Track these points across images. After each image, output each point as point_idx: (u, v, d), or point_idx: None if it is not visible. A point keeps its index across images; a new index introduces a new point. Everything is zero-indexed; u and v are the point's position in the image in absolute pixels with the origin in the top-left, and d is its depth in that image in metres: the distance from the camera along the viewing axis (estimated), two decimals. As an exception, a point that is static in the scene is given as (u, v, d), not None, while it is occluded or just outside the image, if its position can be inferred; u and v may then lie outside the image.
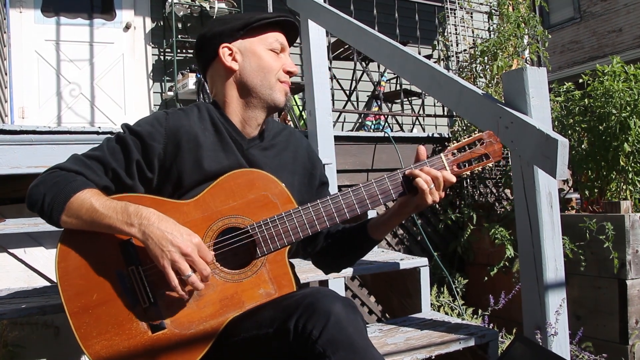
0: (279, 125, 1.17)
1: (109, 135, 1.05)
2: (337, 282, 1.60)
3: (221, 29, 1.07)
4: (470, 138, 1.05)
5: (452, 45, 3.59)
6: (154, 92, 4.00)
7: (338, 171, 2.32)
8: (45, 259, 1.61)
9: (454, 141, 1.11)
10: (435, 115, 3.49)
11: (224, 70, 1.07)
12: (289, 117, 3.58)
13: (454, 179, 1.02)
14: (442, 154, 1.05)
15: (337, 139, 2.33)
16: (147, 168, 1.00)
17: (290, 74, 1.09)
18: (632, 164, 2.25)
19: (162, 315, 0.93)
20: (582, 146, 2.41)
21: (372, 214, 1.81)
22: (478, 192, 2.89)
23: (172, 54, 3.85)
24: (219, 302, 0.95)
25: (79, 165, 0.98)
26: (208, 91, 3.86)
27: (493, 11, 3.30)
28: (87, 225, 0.92)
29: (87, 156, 1.00)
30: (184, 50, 4.08)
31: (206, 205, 0.97)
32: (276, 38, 1.09)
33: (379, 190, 1.01)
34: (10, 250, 1.57)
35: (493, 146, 1.04)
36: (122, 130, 1.02)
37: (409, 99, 4.36)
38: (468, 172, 1.05)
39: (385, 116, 4.14)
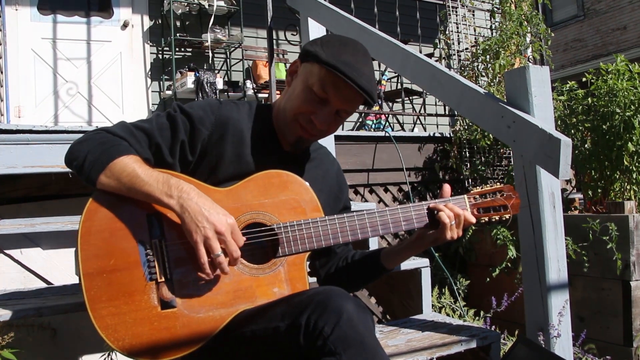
0: (316, 144, 1.19)
1: (158, 112, 1.06)
2: (337, 283, 1.58)
3: (307, 45, 1.05)
4: (493, 187, 1.12)
5: (453, 43, 3.57)
6: (152, 91, 3.98)
7: (338, 171, 2.30)
8: (42, 260, 1.59)
9: (477, 187, 1.16)
10: (437, 115, 3.47)
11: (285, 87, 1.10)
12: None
13: (473, 220, 1.07)
14: (465, 196, 1.11)
15: (338, 138, 2.32)
16: (189, 151, 1.01)
17: (312, 125, 1.02)
18: (636, 164, 2.24)
19: (175, 293, 0.93)
20: (586, 146, 2.39)
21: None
22: (479, 191, 2.86)
23: (171, 53, 3.83)
24: (233, 292, 0.96)
25: (125, 132, 0.98)
26: (207, 90, 3.85)
27: (495, 9, 3.28)
28: (125, 190, 0.92)
29: (135, 126, 1.01)
30: (182, 49, 4.06)
31: (238, 197, 1.00)
32: (330, 90, 1.00)
33: (403, 217, 1.06)
34: (6, 251, 1.55)
35: (512, 200, 1.11)
36: (172, 109, 1.03)
37: (410, 98, 4.34)
38: (486, 219, 1.11)
39: (386, 115, 4.12)
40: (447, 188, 1.09)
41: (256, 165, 1.04)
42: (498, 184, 1.14)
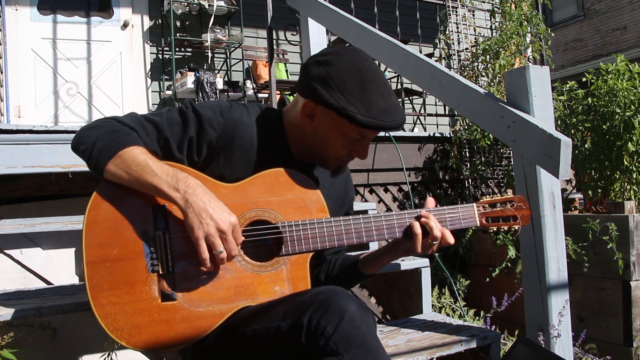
0: None
1: (169, 107, 1.06)
2: (337, 283, 1.58)
3: (320, 89, 0.96)
4: (502, 197, 1.11)
5: (453, 43, 3.57)
6: (152, 91, 3.98)
7: (338, 171, 2.29)
8: (41, 259, 1.59)
9: (486, 196, 1.14)
10: (437, 115, 3.47)
11: (300, 115, 1.03)
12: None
13: (452, 241, 1.03)
14: (474, 204, 1.10)
15: (337, 138, 2.30)
16: (196, 150, 1.00)
17: (352, 157, 1.05)
18: (636, 164, 2.23)
19: (176, 286, 0.94)
20: (586, 146, 2.39)
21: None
22: (480, 192, 2.87)
23: (171, 53, 3.83)
24: (234, 288, 0.96)
25: (135, 123, 0.98)
26: (207, 90, 3.84)
27: (495, 9, 3.28)
28: (132, 180, 0.92)
29: (145, 118, 1.00)
30: (182, 49, 4.06)
31: (244, 193, 1.00)
32: (360, 131, 0.99)
33: (409, 222, 1.04)
34: (6, 251, 1.55)
35: (522, 211, 1.10)
36: (184, 106, 1.03)
37: (410, 98, 4.34)
38: (495, 228, 1.10)
39: (386, 115, 4.11)
40: (430, 201, 1.07)
41: (264, 168, 1.03)
42: (509, 192, 1.13)
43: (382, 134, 2.70)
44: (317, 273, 1.18)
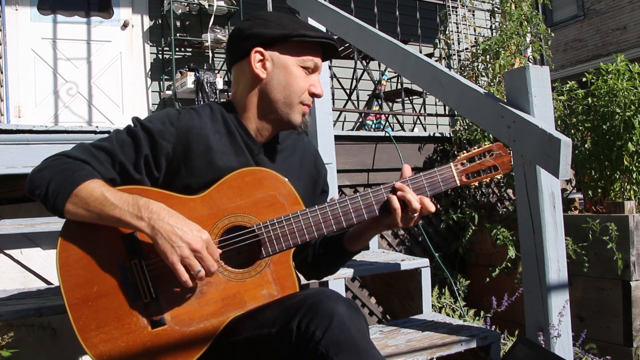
0: (284, 132, 1.15)
1: (118, 128, 1.04)
2: (338, 283, 1.58)
3: (260, 31, 1.02)
4: (480, 149, 1.06)
5: (453, 43, 3.57)
6: (152, 91, 3.98)
7: (338, 171, 2.30)
8: (42, 259, 1.59)
9: (463, 151, 1.11)
10: (437, 115, 3.47)
11: (251, 74, 1.04)
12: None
13: (432, 209, 1.01)
14: (451, 163, 1.05)
15: (338, 138, 2.31)
16: (154, 166, 0.98)
17: (315, 96, 1.06)
18: (636, 164, 2.23)
19: (163, 311, 0.92)
20: (586, 146, 2.39)
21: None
22: (480, 192, 2.87)
23: (171, 53, 3.83)
24: (221, 300, 0.94)
25: (85, 154, 0.95)
26: (207, 90, 3.84)
27: (495, 9, 3.28)
28: (94, 216, 0.90)
29: (95, 146, 0.97)
30: (182, 49, 4.06)
31: (213, 202, 0.96)
32: (312, 57, 1.04)
33: (385, 196, 1.00)
34: (7, 251, 1.55)
35: (502, 158, 1.05)
36: (132, 124, 1.00)
37: (410, 98, 4.34)
38: (476, 183, 1.06)
39: (386, 115, 4.12)
40: (406, 168, 1.04)
41: (228, 167, 1.00)
42: (487, 143, 1.09)
43: (381, 133, 2.71)
44: (304, 257, 1.15)
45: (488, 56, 3.01)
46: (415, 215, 0.99)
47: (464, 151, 1.08)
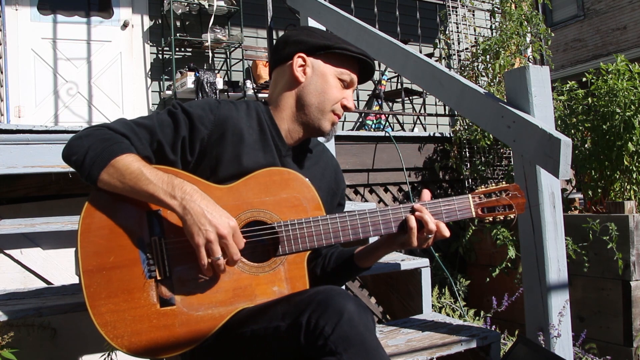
0: (314, 140, 1.20)
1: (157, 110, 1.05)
2: (337, 283, 1.58)
3: (305, 39, 1.10)
4: (497, 187, 1.11)
5: (453, 43, 3.57)
6: (152, 91, 3.98)
7: (338, 171, 2.29)
8: (42, 259, 1.59)
9: (481, 186, 1.14)
10: (437, 115, 3.47)
11: (290, 77, 1.09)
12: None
13: (447, 234, 1.05)
14: (469, 195, 1.10)
15: (338, 138, 2.31)
16: (189, 149, 1.00)
17: (346, 109, 1.12)
18: (637, 164, 2.23)
19: (174, 291, 0.93)
20: (586, 146, 2.39)
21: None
22: (479, 191, 2.86)
23: (171, 53, 3.83)
24: (232, 290, 0.96)
25: (126, 129, 0.97)
26: (207, 90, 3.85)
27: (495, 9, 3.28)
28: (126, 189, 0.91)
29: (135, 123, 0.99)
30: (182, 49, 4.06)
31: (238, 194, 0.99)
32: (349, 72, 1.11)
33: (405, 216, 1.05)
34: (6, 251, 1.55)
35: (518, 199, 1.10)
36: (172, 107, 1.03)
37: (410, 98, 4.34)
38: (490, 218, 1.10)
39: (386, 115, 4.12)
40: (425, 193, 1.09)
41: (255, 163, 1.03)
42: (503, 182, 1.12)
43: (381, 133, 2.71)
44: (312, 267, 1.18)
45: (488, 56, 3.01)
46: (430, 237, 1.04)
47: (482, 186, 1.14)
